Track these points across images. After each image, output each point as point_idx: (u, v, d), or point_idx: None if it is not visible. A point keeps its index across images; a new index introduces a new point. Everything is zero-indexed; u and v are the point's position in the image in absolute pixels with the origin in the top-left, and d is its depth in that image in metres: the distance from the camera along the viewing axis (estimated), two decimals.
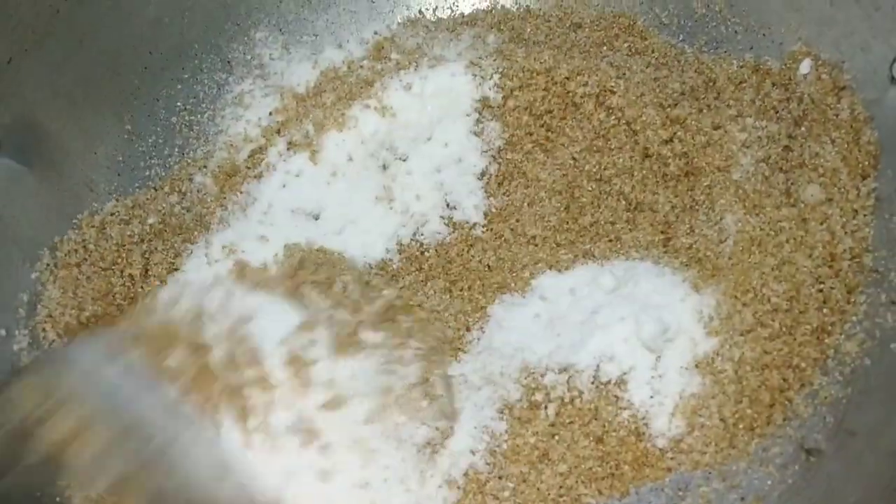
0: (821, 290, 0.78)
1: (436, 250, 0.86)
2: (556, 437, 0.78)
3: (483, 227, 0.87)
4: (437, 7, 0.96)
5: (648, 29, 0.91)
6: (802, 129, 0.83)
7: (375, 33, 0.96)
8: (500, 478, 0.78)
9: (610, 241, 0.86)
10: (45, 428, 0.65)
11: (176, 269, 0.84)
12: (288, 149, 0.90)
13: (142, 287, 0.83)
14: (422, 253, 0.86)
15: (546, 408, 0.79)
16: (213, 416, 0.71)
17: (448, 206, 0.87)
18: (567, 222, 0.87)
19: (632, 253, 0.85)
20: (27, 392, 0.67)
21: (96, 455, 0.66)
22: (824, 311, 0.78)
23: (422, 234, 0.87)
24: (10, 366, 0.78)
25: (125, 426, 0.67)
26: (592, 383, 0.79)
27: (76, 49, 0.84)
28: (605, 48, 0.89)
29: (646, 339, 0.80)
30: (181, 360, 0.72)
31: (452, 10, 0.96)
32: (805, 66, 0.84)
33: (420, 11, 0.97)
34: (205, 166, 0.91)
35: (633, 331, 0.80)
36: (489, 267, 0.85)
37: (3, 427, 0.66)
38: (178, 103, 0.92)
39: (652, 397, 0.79)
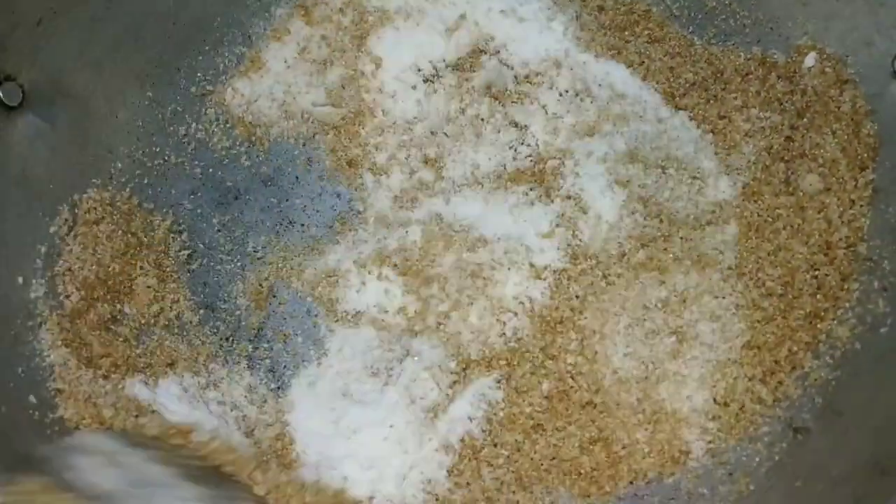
0: (815, 277, 0.80)
1: None
2: (551, 409, 0.80)
3: None
4: None
5: (662, 19, 0.93)
6: (805, 120, 0.85)
7: None
8: (494, 445, 0.80)
9: None
10: None
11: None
12: None
13: (162, 248, 0.87)
14: None
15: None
16: None
17: None
18: None
19: None
20: (37, 485, 0.65)
21: None
22: (818, 296, 0.80)
23: None
24: (27, 312, 0.82)
25: None
26: None
27: (103, 15, 0.86)
28: (627, 32, 0.91)
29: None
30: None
31: None
32: (810, 60, 0.86)
33: None
34: None
35: None
36: None
37: None
38: (199, 74, 0.94)
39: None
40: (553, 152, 0.86)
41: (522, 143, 0.87)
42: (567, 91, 0.87)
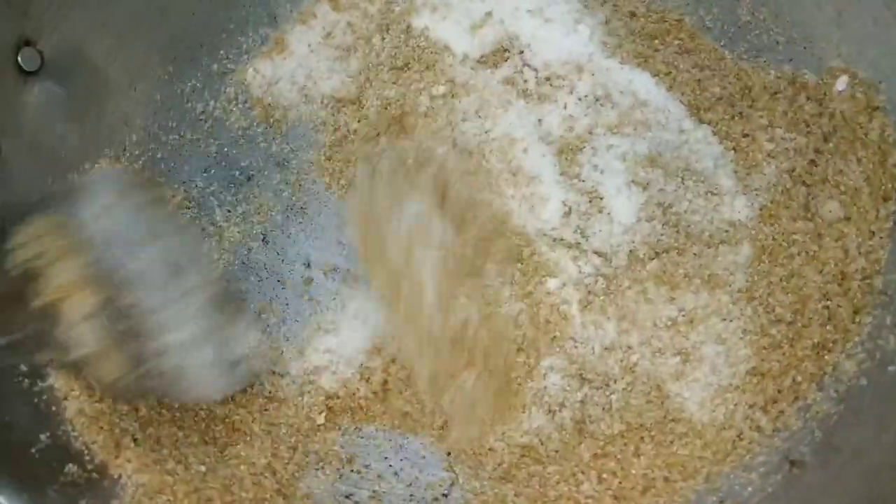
0: (827, 307, 0.78)
1: None
2: None
3: None
4: None
5: (695, 30, 0.91)
6: (830, 145, 0.82)
7: None
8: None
9: None
10: (53, 270, 0.68)
11: None
12: None
13: None
14: None
15: None
16: None
17: None
18: None
19: None
20: (47, 226, 0.70)
21: (88, 314, 0.69)
22: (828, 327, 0.78)
23: None
24: None
25: (119, 283, 0.69)
26: None
27: None
28: (657, 41, 0.89)
29: None
30: None
31: None
32: (841, 83, 0.83)
33: None
34: None
35: None
36: None
37: (23, 264, 0.70)
38: (222, 51, 0.93)
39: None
40: (571, 139, 0.85)
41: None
42: (587, 96, 0.86)
